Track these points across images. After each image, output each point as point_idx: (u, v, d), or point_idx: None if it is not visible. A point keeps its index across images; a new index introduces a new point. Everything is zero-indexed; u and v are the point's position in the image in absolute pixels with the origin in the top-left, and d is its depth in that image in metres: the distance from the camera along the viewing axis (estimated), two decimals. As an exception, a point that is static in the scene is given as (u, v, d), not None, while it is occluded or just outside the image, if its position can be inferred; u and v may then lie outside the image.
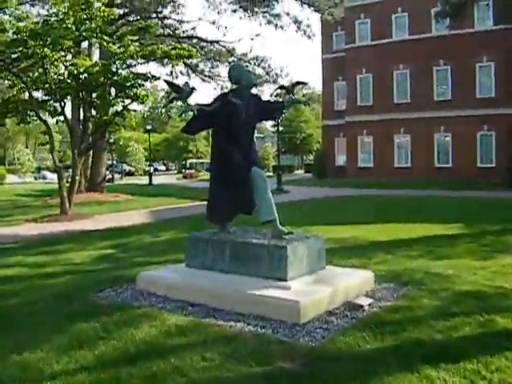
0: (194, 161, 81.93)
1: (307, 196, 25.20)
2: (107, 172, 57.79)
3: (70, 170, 31.81)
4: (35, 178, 59.45)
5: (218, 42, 29.22)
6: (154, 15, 28.56)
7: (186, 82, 6.18)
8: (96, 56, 26.41)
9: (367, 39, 40.03)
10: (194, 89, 6.11)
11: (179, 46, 17.76)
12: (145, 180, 46.45)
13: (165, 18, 30.20)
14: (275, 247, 5.67)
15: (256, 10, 27.96)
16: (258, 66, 29.83)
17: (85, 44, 28.21)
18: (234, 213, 6.62)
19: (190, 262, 6.50)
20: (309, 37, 29.32)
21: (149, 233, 13.60)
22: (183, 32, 30.68)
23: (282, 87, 7.47)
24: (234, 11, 28.90)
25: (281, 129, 75.78)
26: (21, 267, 9.38)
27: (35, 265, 9.56)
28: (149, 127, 47.92)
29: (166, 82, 6.12)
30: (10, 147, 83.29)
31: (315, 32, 30.93)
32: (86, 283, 7.59)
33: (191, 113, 5.81)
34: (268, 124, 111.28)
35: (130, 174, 69.13)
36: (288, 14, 28.23)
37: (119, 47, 17.16)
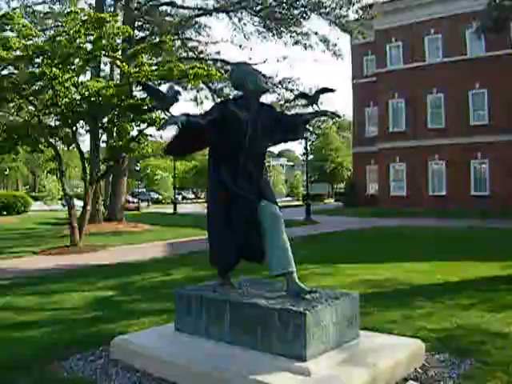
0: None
1: (337, 227, 23.51)
2: (135, 200, 57.55)
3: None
4: (63, 205, 58.81)
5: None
6: (177, 37, 27.57)
7: (171, 85, 4.71)
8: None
9: (399, 63, 38.49)
10: (178, 93, 4.64)
11: (197, 65, 16.51)
12: (171, 208, 45.46)
13: (188, 39, 29.22)
14: (290, 313, 4.07)
15: (283, 29, 26.74)
16: (286, 89, 28.47)
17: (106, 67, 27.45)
18: (237, 262, 5.04)
19: (180, 325, 4.93)
20: (338, 56, 27.91)
21: (160, 270, 12.20)
22: (207, 55, 29.62)
23: (302, 95, 5.76)
24: (260, 33, 27.75)
25: (311, 157, 75.02)
26: (2, 311, 8.22)
27: (20, 308, 8.41)
28: (174, 154, 46.64)
29: (139, 83, 4.70)
30: (40, 174, 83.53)
31: (344, 54, 29.60)
32: (59, 342, 6.15)
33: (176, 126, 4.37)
34: (298, 152, 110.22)
35: (157, 202, 68.63)
36: (316, 34, 26.86)
37: (134, 67, 15.94)
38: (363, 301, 7.62)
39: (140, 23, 27.94)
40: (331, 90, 5.44)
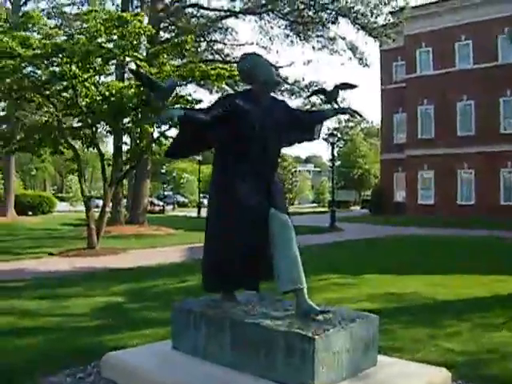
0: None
1: (362, 235, 22.86)
2: (160, 203, 57.44)
3: (125, 200, 31.18)
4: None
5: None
6: (202, 39, 27.27)
7: (172, 80, 4.25)
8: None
9: (429, 69, 37.79)
10: (175, 84, 4.19)
11: (220, 66, 16.09)
12: (196, 212, 45.24)
13: (214, 42, 28.87)
14: (297, 337, 3.51)
15: (310, 33, 26.24)
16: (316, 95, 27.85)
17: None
18: (240, 282, 4.40)
19: (177, 343, 4.42)
20: (365, 65, 27.35)
21: (176, 275, 11.77)
22: (233, 58, 29.22)
23: (319, 91, 5.21)
24: (287, 36, 27.29)
25: (338, 163, 74.39)
26: (7, 316, 7.87)
27: (25, 313, 8.07)
28: (199, 158, 46.41)
29: (132, 71, 4.27)
30: (67, 175, 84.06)
31: (372, 61, 29.07)
32: (54, 352, 5.74)
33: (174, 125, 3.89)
34: (325, 157, 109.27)
35: (183, 205, 68.56)
36: (344, 39, 26.32)
37: (154, 67, 15.58)
38: (385, 316, 7.14)
39: (166, 25, 27.64)
40: (352, 86, 4.91)
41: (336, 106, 4.81)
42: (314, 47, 27.34)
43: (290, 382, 3.53)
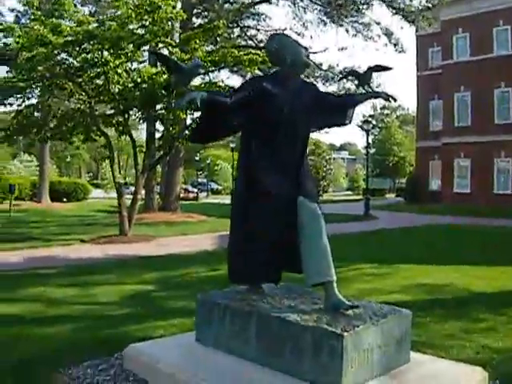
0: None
1: (397, 223, 22.48)
2: (194, 190, 57.60)
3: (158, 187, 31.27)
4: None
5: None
6: (236, 25, 27.02)
7: (193, 58, 4.05)
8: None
9: (466, 55, 36.81)
10: (199, 65, 3.99)
11: (252, 52, 15.86)
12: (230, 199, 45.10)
13: (248, 28, 28.59)
14: (325, 333, 3.32)
15: (344, 18, 25.78)
16: (347, 79, 27.45)
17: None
18: (268, 273, 4.19)
19: (200, 335, 4.27)
20: (401, 50, 26.77)
21: (207, 264, 11.63)
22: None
23: (351, 73, 4.91)
24: (321, 21, 26.86)
25: (372, 150, 73.61)
26: (34, 303, 7.89)
27: (53, 301, 8.05)
28: (232, 145, 46.27)
29: (152, 52, 4.06)
30: (102, 162, 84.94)
31: (408, 47, 28.42)
32: (78, 342, 5.66)
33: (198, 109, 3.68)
34: (360, 145, 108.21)
35: (217, 192, 68.68)
36: (379, 24, 25.79)
37: (186, 53, 15.42)
38: (418, 309, 6.90)
39: (199, 11, 27.45)
40: (386, 68, 4.65)
41: (369, 90, 4.57)
42: (348, 32, 26.87)
43: (317, 380, 3.34)
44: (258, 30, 29.17)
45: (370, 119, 41.27)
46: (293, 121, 4.06)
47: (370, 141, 79.85)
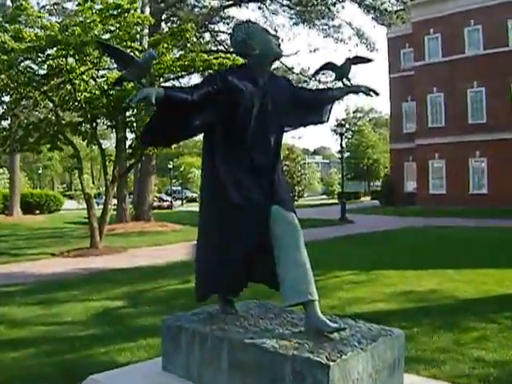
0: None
1: (374, 227, 22.12)
2: (168, 198, 56.89)
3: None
4: (97, 204, 58.53)
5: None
6: (205, 29, 26.58)
7: (148, 51, 3.57)
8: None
9: (438, 56, 36.90)
10: (152, 57, 3.52)
11: (222, 56, 15.44)
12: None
13: (218, 32, 28.21)
14: (308, 363, 2.83)
15: (315, 21, 25.50)
16: (319, 81, 27.16)
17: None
18: (236, 286, 3.72)
19: (168, 364, 3.75)
20: (372, 49, 26.55)
21: (179, 276, 11.12)
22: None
23: (328, 66, 4.22)
24: (293, 24, 26.56)
25: (347, 154, 73.62)
26: None
27: (14, 322, 7.53)
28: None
29: (99, 43, 3.58)
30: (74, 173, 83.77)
31: (380, 49, 28.30)
32: (33, 371, 5.18)
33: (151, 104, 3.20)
34: (333, 149, 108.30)
35: (192, 200, 67.95)
36: (350, 25, 25.58)
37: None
38: (403, 319, 6.52)
39: (168, 16, 26.98)
40: (366, 60, 4.22)
41: (348, 84, 4.12)
42: (319, 34, 26.57)
43: (300, 418, 2.87)
44: (227, 33, 28.79)
45: (343, 122, 41.12)
46: (263, 119, 3.58)
47: (344, 144, 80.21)
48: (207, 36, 28.67)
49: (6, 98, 16.49)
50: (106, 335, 6.56)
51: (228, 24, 28.46)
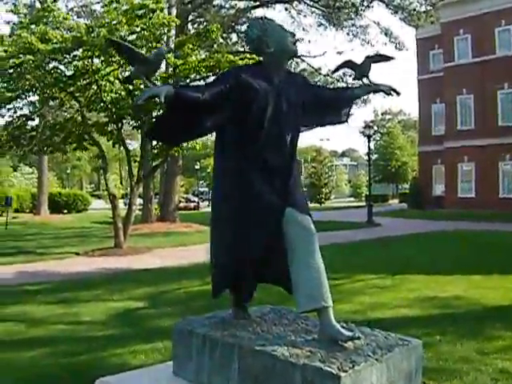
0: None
1: (400, 230, 21.84)
2: (195, 199, 56.94)
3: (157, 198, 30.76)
4: (124, 204, 58.90)
5: (299, 56, 26.50)
6: (232, 30, 26.53)
7: (158, 48, 3.47)
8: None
9: (467, 57, 36.32)
10: (162, 55, 3.42)
11: (248, 56, 15.33)
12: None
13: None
14: (318, 373, 2.71)
15: (343, 21, 25.28)
16: (346, 83, 26.88)
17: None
18: (249, 288, 3.73)
19: (178, 368, 3.67)
20: (400, 49, 26.20)
21: (201, 277, 10.96)
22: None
23: (347, 64, 4.09)
24: (320, 25, 26.35)
25: (375, 156, 73.05)
26: (15, 323, 7.39)
27: (34, 321, 7.52)
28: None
29: (107, 39, 3.50)
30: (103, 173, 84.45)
31: (408, 50, 28.01)
32: (47, 371, 5.15)
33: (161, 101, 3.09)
34: (362, 151, 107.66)
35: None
36: (378, 24, 25.29)
37: (178, 58, 14.93)
38: (426, 326, 6.34)
39: (194, 17, 27.00)
40: (387, 58, 4.06)
41: (368, 83, 3.98)
42: (348, 35, 26.36)
43: (309, 430, 2.75)
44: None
45: (371, 124, 40.79)
46: (278, 119, 3.46)
47: (372, 147, 79.65)
48: (234, 37, 28.67)
49: (33, 98, 16.56)
50: (123, 336, 6.51)
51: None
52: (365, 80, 3.97)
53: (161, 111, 16.19)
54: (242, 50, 27.33)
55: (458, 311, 7.46)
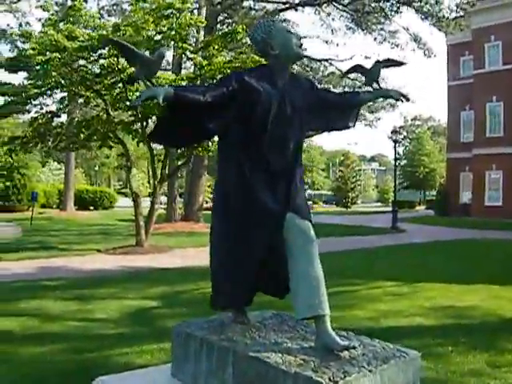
0: (312, 192, 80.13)
1: (425, 237, 21.60)
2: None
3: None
4: (151, 203, 58.95)
5: (327, 60, 26.42)
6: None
7: (159, 49, 3.44)
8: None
9: (498, 64, 35.85)
10: (162, 55, 3.39)
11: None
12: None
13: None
14: (309, 382, 2.64)
15: (371, 26, 25.12)
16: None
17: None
18: (246, 296, 3.61)
19: (177, 370, 3.65)
20: (429, 55, 25.87)
21: (219, 278, 11.05)
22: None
23: (356, 69, 4.06)
24: (349, 29, 26.21)
25: (404, 162, 72.57)
26: (30, 318, 7.46)
27: (49, 316, 7.61)
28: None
29: (107, 39, 3.48)
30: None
31: (438, 56, 27.71)
32: (53, 367, 5.18)
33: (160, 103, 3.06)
34: (391, 156, 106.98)
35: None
36: (407, 30, 25.05)
37: (205, 59, 14.95)
38: (439, 336, 6.24)
39: (223, 18, 27.05)
40: (398, 63, 3.99)
41: (378, 88, 3.91)
42: (375, 40, 26.16)
43: None
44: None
45: (399, 130, 40.45)
46: (281, 122, 3.42)
47: (401, 152, 79.13)
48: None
49: (59, 96, 16.70)
50: (133, 335, 6.51)
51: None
52: (374, 85, 3.91)
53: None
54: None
55: (473, 322, 7.32)
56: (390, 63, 3.99)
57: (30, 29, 23.35)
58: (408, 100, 3.78)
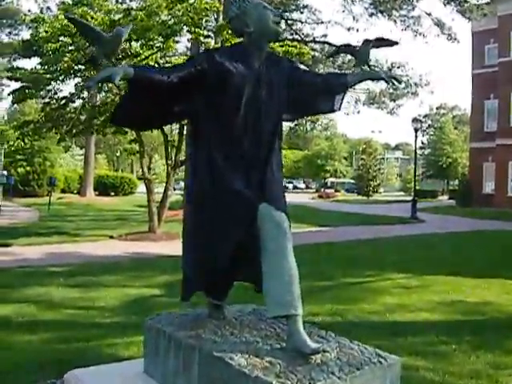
0: (335, 180, 79.75)
1: (443, 228, 21.03)
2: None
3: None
4: (173, 189, 59.06)
5: (347, 45, 25.95)
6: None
7: (117, 28, 3.17)
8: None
9: (524, 52, 35.02)
10: (121, 32, 3.12)
11: (289, 44, 15.00)
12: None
13: (294, 21, 27.72)
14: None
15: (394, 11, 24.54)
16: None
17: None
18: (215, 285, 3.44)
19: (148, 366, 3.47)
20: (453, 40, 25.16)
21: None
22: (314, 38, 27.94)
23: (345, 49, 3.78)
24: (371, 15, 25.63)
25: (427, 151, 71.64)
26: (30, 304, 7.43)
27: (48, 303, 7.59)
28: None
29: (66, 17, 3.25)
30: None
31: (462, 43, 27.04)
32: (41, 356, 5.08)
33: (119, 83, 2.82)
34: (413, 144, 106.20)
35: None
36: (430, 15, 24.38)
37: (218, 43, 14.74)
38: (444, 333, 5.98)
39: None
40: (391, 43, 3.69)
41: (367, 70, 3.63)
42: (397, 26, 25.59)
43: None
44: (302, 22, 28.15)
45: (422, 118, 39.84)
46: (256, 106, 3.18)
47: (425, 141, 78.13)
48: (282, 24, 28.27)
49: (72, 82, 16.58)
50: (128, 325, 6.36)
51: (302, 13, 27.93)
52: (365, 67, 3.63)
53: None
54: (291, 37, 26.95)
55: (482, 318, 7.00)
56: (382, 43, 3.69)
57: (50, 14, 23.22)
58: (400, 83, 3.49)
